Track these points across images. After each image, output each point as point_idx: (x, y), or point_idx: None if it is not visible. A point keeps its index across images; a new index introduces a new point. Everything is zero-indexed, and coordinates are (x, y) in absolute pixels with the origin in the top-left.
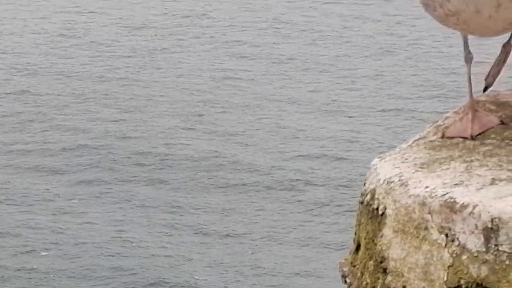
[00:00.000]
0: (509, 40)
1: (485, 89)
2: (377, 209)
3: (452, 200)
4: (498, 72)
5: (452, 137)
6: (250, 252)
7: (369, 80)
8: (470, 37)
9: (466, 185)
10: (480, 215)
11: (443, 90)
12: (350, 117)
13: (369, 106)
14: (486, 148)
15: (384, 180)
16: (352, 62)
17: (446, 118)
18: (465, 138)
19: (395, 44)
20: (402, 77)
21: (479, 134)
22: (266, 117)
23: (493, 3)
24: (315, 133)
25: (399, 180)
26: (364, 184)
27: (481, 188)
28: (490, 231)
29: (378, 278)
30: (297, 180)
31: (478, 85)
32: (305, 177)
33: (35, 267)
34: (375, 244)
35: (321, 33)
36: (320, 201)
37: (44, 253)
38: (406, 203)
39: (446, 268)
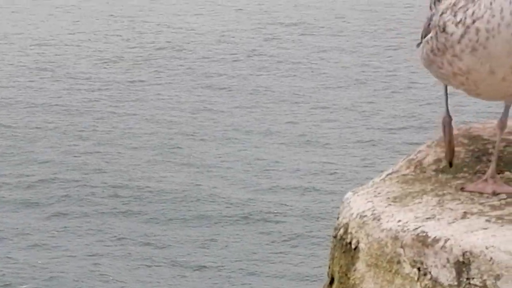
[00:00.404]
0: (446, 112)
1: (450, 165)
2: (350, 243)
3: (424, 234)
4: (452, 147)
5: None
6: (227, 284)
7: (345, 111)
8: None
9: (438, 219)
10: (451, 249)
11: (420, 121)
12: (326, 148)
13: (346, 138)
14: (458, 181)
15: (357, 214)
16: (328, 93)
17: (419, 151)
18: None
19: (371, 75)
20: (378, 108)
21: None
22: (243, 149)
23: (510, 64)
24: (291, 164)
25: (372, 214)
26: (338, 218)
27: (453, 222)
28: (462, 265)
29: None
30: (274, 212)
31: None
32: (282, 209)
33: None
34: (349, 278)
35: (297, 64)
36: (296, 233)
37: (21, 287)
38: (379, 237)
39: None
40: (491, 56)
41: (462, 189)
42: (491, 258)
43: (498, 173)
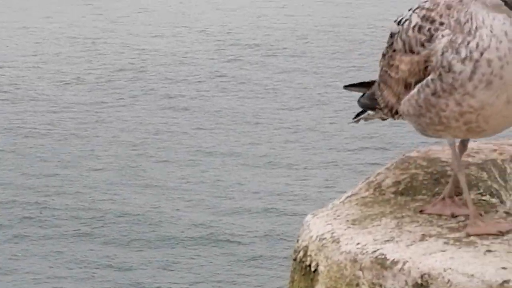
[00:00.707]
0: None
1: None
2: (310, 266)
3: (383, 256)
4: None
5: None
6: None
7: (308, 132)
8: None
9: (397, 241)
10: (410, 271)
11: (382, 143)
12: (289, 169)
13: (308, 159)
14: (417, 204)
15: (317, 237)
16: (291, 114)
17: (378, 174)
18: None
19: (333, 96)
20: (340, 129)
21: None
22: (206, 170)
23: None
24: (254, 186)
25: (331, 237)
26: (297, 241)
27: (411, 244)
28: (420, 287)
29: None
30: (237, 233)
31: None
32: (244, 230)
33: None
34: None
35: (260, 85)
36: (259, 254)
37: None
38: (338, 259)
39: None
40: (506, 84)
41: (421, 211)
42: (449, 280)
43: (457, 195)
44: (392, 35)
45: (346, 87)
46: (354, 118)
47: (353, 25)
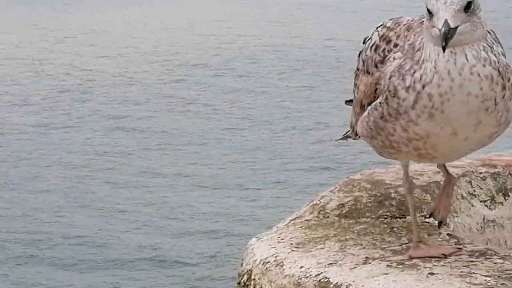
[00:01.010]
0: (448, 173)
1: (439, 224)
2: None
3: (326, 279)
4: (448, 206)
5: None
6: None
7: (255, 152)
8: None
9: (340, 265)
10: None
11: (332, 163)
12: (237, 190)
13: (257, 179)
14: (361, 226)
15: (261, 261)
16: (239, 134)
17: (322, 197)
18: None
19: (281, 115)
20: (288, 148)
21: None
22: (154, 192)
23: (473, 121)
24: (203, 207)
25: (275, 261)
26: (242, 264)
27: (355, 268)
28: None
29: None
30: (184, 255)
31: None
32: (193, 251)
33: None
34: None
35: (208, 106)
36: (207, 275)
37: None
38: (282, 283)
39: None
40: (450, 119)
41: (410, 257)
42: None
43: (400, 218)
44: (359, 54)
45: (347, 102)
46: (342, 136)
47: (303, 45)
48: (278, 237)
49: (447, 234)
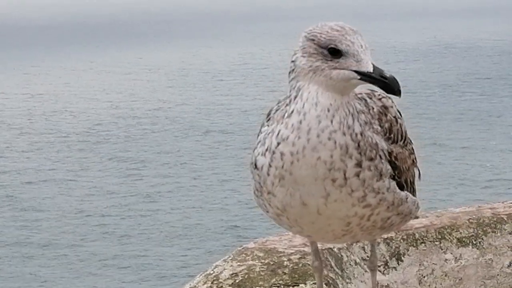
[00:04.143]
0: (370, 258)
1: None
2: None
3: None
4: None
5: None
6: None
7: None
8: None
9: None
10: None
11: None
12: None
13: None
14: None
15: None
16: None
17: (216, 266)
18: None
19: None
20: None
21: None
22: None
23: (320, 191)
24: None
25: None
26: None
27: None
28: None
29: None
30: None
31: None
32: None
33: None
34: None
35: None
36: None
37: None
38: None
39: None
40: (297, 183)
41: None
42: None
43: (293, 286)
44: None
45: None
46: None
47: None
48: None
49: None
